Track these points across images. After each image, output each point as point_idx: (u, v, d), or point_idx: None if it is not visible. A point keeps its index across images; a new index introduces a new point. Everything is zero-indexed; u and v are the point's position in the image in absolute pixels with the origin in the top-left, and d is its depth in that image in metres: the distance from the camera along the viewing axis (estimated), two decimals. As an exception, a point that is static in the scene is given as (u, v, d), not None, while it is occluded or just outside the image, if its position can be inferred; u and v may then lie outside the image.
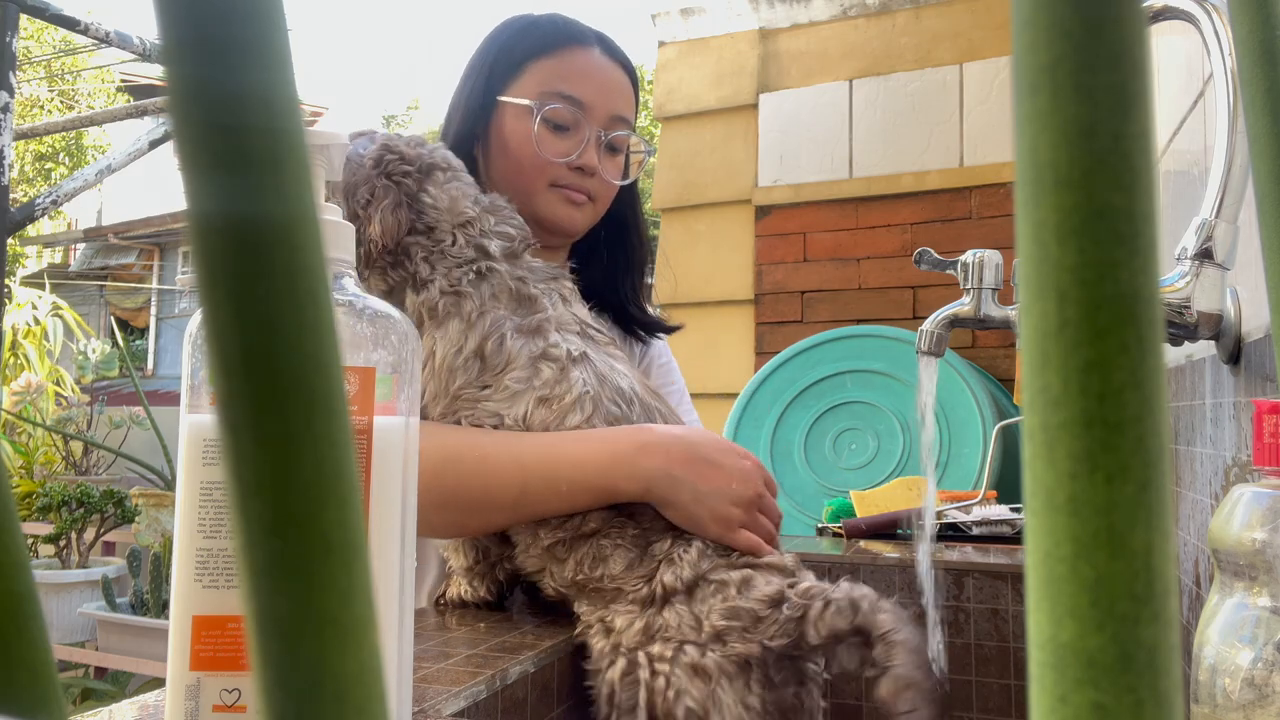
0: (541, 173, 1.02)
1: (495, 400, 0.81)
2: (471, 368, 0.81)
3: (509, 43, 1.06)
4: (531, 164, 1.02)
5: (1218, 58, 0.73)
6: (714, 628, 0.72)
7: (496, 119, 1.04)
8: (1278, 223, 0.17)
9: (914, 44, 2.45)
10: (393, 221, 0.82)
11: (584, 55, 1.06)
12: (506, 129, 1.03)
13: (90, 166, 2.39)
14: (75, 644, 2.98)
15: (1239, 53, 0.17)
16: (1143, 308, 0.11)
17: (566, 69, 1.04)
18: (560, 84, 1.03)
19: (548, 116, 1.02)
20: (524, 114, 1.03)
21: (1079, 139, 0.11)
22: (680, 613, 0.74)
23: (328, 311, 0.11)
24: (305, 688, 0.11)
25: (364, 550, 0.12)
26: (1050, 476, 0.11)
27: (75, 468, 3.96)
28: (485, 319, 0.82)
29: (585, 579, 0.79)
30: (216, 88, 0.11)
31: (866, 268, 2.45)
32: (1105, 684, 0.11)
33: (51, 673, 0.13)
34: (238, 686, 0.47)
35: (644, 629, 0.74)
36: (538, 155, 1.02)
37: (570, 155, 1.03)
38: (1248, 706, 0.43)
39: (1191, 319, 0.76)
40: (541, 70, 1.04)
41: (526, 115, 1.02)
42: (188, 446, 0.49)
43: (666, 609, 0.74)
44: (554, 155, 1.02)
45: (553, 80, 1.03)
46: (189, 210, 0.11)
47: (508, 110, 1.03)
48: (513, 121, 1.03)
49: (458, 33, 74.68)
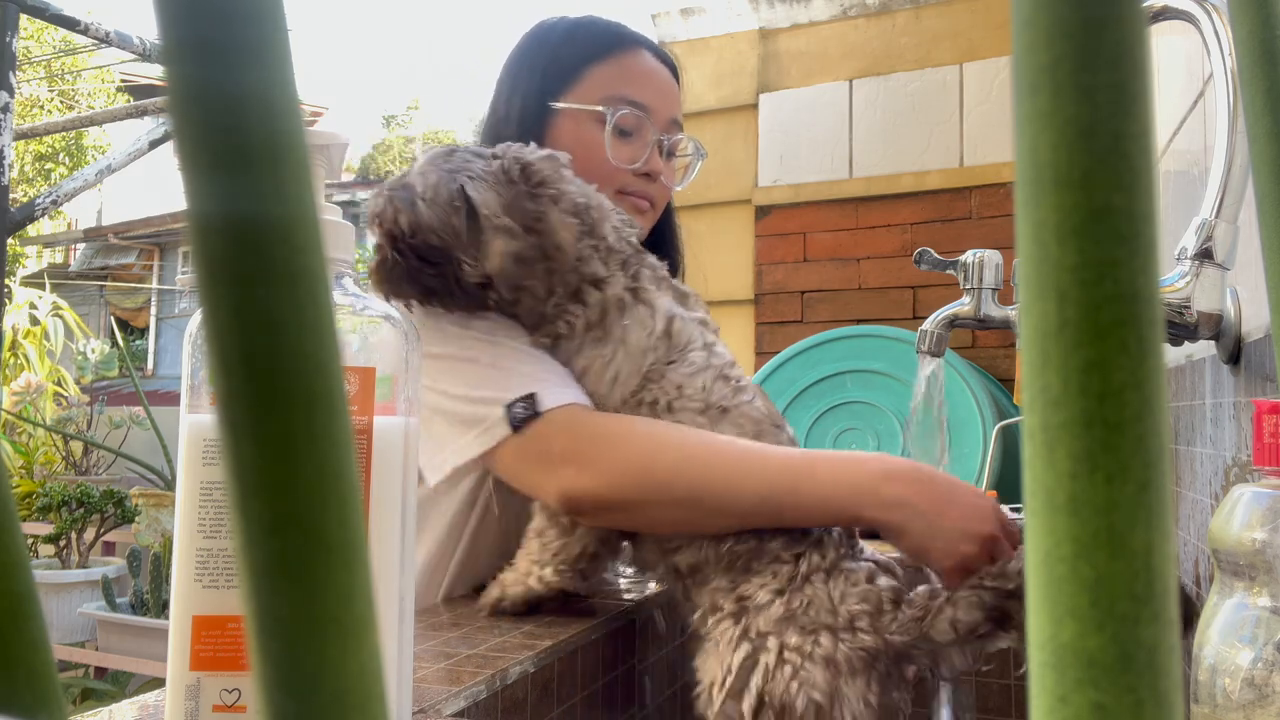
0: (610, 179, 1.01)
1: (680, 373, 0.85)
2: (660, 346, 0.86)
3: (560, 47, 1.05)
4: (601, 171, 1.00)
5: (1218, 58, 0.73)
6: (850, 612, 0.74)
7: (555, 125, 1.03)
8: (1278, 223, 0.17)
9: (914, 44, 2.45)
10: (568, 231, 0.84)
11: (640, 58, 1.05)
12: (570, 135, 1.02)
13: (90, 166, 2.39)
14: (75, 644, 2.98)
15: (1239, 53, 0.17)
16: (1143, 308, 0.11)
17: (627, 73, 1.04)
18: (624, 88, 1.03)
19: (618, 124, 1.01)
20: (588, 119, 1.02)
21: (1079, 139, 0.11)
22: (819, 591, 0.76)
23: (328, 311, 0.11)
24: (305, 688, 0.11)
25: (364, 550, 0.12)
26: (1050, 476, 0.11)
27: (75, 468, 3.96)
28: (661, 303, 0.87)
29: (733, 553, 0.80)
30: (216, 88, 0.11)
31: (866, 268, 2.45)
32: (1105, 684, 0.11)
33: (51, 673, 0.13)
34: (238, 686, 0.47)
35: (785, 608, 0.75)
36: (607, 162, 1.01)
37: (637, 161, 1.03)
38: (1248, 706, 0.43)
39: (1191, 319, 0.76)
40: (602, 75, 1.03)
41: (592, 121, 1.02)
42: (188, 446, 0.49)
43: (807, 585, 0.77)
44: (624, 162, 1.02)
45: (615, 85, 1.03)
46: (189, 210, 0.11)
47: (568, 116, 1.02)
48: (576, 127, 1.02)
49: (458, 33, 74.62)
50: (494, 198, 0.82)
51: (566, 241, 0.83)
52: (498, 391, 0.83)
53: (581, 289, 0.86)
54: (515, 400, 0.82)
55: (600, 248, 0.87)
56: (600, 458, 0.81)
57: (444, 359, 0.86)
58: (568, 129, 1.02)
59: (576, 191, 0.86)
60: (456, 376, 0.85)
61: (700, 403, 0.84)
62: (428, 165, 0.83)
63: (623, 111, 1.01)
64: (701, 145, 1.13)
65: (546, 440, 0.82)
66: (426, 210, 0.81)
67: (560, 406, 0.82)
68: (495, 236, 0.81)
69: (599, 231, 0.87)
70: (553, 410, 0.82)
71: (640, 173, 1.03)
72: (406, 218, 0.81)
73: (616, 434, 0.82)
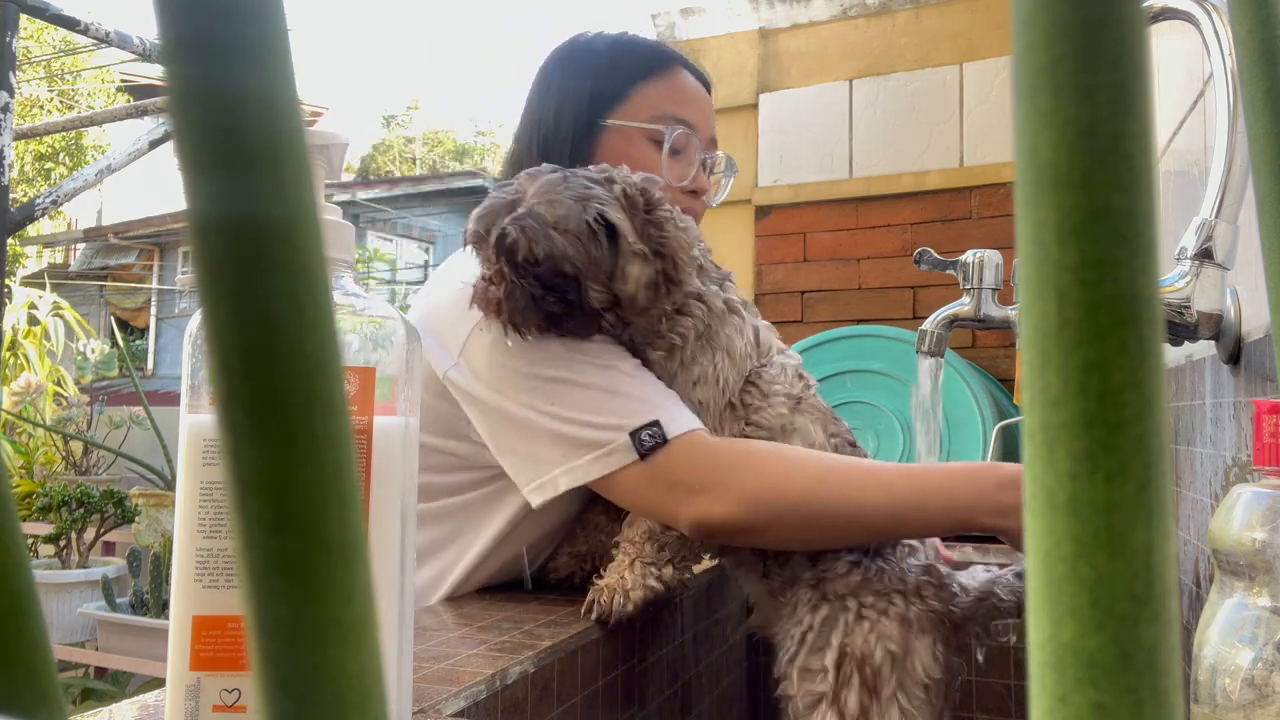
0: None
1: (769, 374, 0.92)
2: (754, 353, 0.93)
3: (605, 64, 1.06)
4: None
5: (1218, 58, 0.73)
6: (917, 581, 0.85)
7: (606, 142, 1.04)
8: (1278, 223, 0.17)
9: (914, 44, 2.45)
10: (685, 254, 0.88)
11: (683, 76, 1.07)
12: (621, 152, 1.03)
13: (90, 166, 2.39)
14: (75, 644, 2.98)
15: (1239, 53, 0.17)
16: (1143, 308, 0.11)
17: (675, 92, 1.06)
18: (673, 107, 1.05)
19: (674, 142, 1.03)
20: (640, 137, 1.03)
21: (1079, 139, 0.11)
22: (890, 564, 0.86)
23: (328, 311, 0.11)
24: (305, 688, 0.11)
25: (364, 550, 0.12)
26: (1050, 476, 0.11)
27: (75, 468, 3.96)
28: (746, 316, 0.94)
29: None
30: (216, 88, 0.11)
31: (866, 268, 2.45)
32: (1105, 684, 0.11)
33: (51, 673, 0.13)
34: (238, 686, 0.47)
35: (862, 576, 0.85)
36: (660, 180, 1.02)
37: (686, 179, 1.05)
38: (1248, 706, 0.43)
39: (1191, 319, 0.76)
40: (651, 93, 1.05)
41: (643, 138, 1.03)
42: (188, 446, 0.49)
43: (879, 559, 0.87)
44: (676, 179, 1.04)
45: (665, 104, 1.04)
46: (189, 210, 0.11)
47: (618, 133, 1.04)
48: (627, 145, 1.03)
49: (458, 33, 74.59)
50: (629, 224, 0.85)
51: (684, 260, 0.87)
52: (620, 418, 0.85)
53: (688, 304, 0.90)
54: (641, 427, 0.84)
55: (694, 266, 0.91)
56: (734, 485, 0.84)
57: (556, 381, 0.88)
58: (619, 146, 1.04)
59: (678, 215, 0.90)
60: (570, 400, 0.87)
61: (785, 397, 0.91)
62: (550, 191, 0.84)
63: (679, 131, 1.04)
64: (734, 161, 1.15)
65: (676, 468, 0.84)
66: (561, 239, 0.83)
67: (685, 434, 0.85)
68: (632, 262, 0.85)
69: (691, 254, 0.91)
70: (679, 437, 0.85)
71: (688, 190, 1.05)
72: (543, 247, 0.82)
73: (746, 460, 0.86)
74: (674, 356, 0.91)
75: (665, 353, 0.90)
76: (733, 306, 0.93)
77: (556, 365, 0.88)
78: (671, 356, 0.91)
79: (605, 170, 0.88)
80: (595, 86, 1.05)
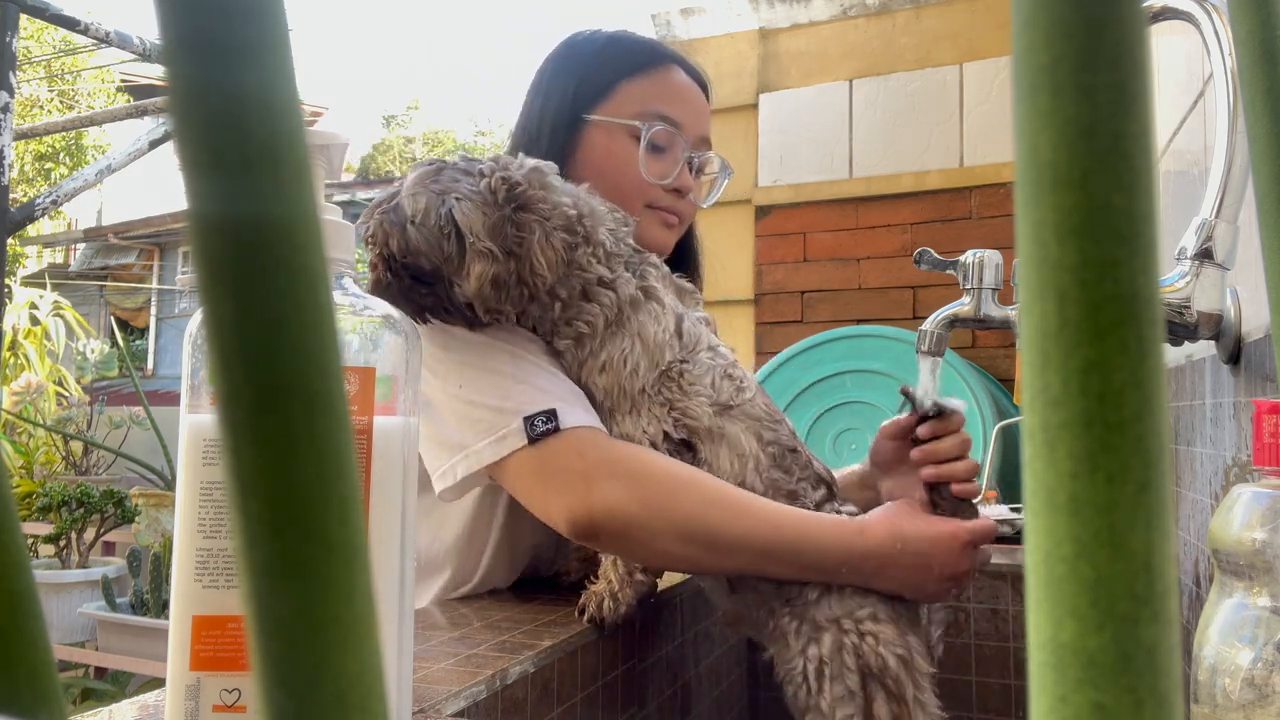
0: (641, 194, 1.02)
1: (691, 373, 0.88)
2: (674, 344, 0.89)
3: (593, 61, 1.05)
4: (632, 185, 1.01)
5: (1218, 58, 0.73)
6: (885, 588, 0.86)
7: (587, 138, 1.03)
8: (1278, 223, 0.17)
9: (914, 44, 2.45)
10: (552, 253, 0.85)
11: (673, 75, 1.06)
12: (602, 148, 1.03)
13: (90, 166, 2.39)
14: (75, 644, 2.98)
15: (1239, 53, 0.17)
16: (1143, 308, 0.11)
17: (661, 89, 1.05)
18: (657, 104, 1.03)
19: (652, 139, 1.02)
20: (620, 133, 1.02)
21: (1079, 139, 0.11)
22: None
23: (328, 311, 0.11)
24: (305, 688, 0.11)
25: (364, 550, 0.12)
26: (1050, 476, 0.11)
27: (75, 468, 3.96)
28: (667, 302, 0.90)
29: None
30: (216, 88, 0.11)
31: (866, 268, 2.45)
32: (1105, 684, 0.11)
33: (51, 673, 0.13)
34: (238, 686, 0.47)
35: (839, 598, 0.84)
36: (638, 177, 1.02)
37: (668, 177, 1.03)
38: (1248, 706, 0.43)
39: (1191, 319, 0.76)
40: (635, 90, 1.04)
41: (624, 135, 1.02)
42: (188, 446, 0.49)
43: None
44: (655, 177, 1.03)
45: (649, 100, 1.03)
46: (189, 210, 0.11)
47: (600, 129, 1.03)
48: (608, 140, 1.03)
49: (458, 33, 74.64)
50: (480, 219, 0.82)
51: (546, 264, 0.84)
52: (518, 404, 0.83)
53: (591, 291, 0.87)
54: (537, 414, 0.82)
55: (599, 253, 0.88)
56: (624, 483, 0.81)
57: (465, 365, 0.87)
58: (600, 142, 1.03)
59: (567, 203, 0.86)
60: (478, 384, 0.85)
61: (709, 401, 0.87)
62: (417, 185, 0.83)
63: (657, 127, 1.02)
64: (729, 164, 1.14)
65: (564, 457, 0.82)
66: (416, 234, 0.82)
67: (581, 427, 0.83)
68: (475, 260, 0.82)
69: (595, 238, 0.88)
70: (574, 429, 0.83)
71: (670, 188, 1.04)
72: (397, 241, 0.82)
73: (640, 463, 0.83)
74: (583, 345, 0.88)
75: (573, 341, 0.88)
76: (650, 293, 0.90)
77: (468, 350, 0.87)
78: (580, 345, 0.88)
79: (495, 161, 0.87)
80: (580, 82, 1.04)
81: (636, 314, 0.88)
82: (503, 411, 0.83)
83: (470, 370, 0.86)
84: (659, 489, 0.82)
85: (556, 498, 0.82)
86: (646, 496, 0.81)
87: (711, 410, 0.87)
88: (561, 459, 0.82)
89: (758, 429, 0.89)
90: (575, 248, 0.86)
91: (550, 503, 0.83)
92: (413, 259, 0.82)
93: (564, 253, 0.85)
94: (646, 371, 0.87)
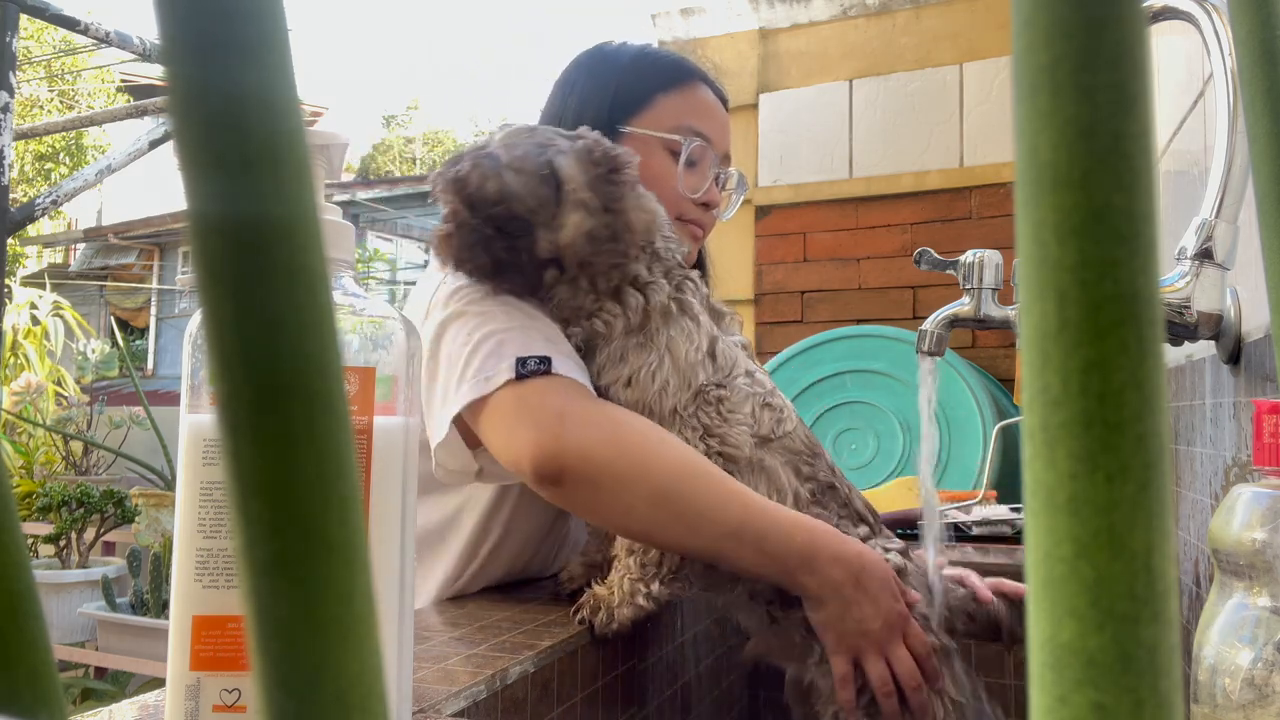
0: (672, 206, 1.02)
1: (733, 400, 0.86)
2: (707, 366, 0.87)
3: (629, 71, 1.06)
4: (668, 198, 1.01)
5: (1218, 58, 0.73)
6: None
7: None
8: (1278, 223, 0.17)
9: (914, 44, 2.45)
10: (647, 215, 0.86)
11: (703, 91, 1.08)
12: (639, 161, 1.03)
13: (90, 166, 2.39)
14: (75, 644, 2.98)
15: (1239, 53, 0.17)
16: (1143, 308, 0.11)
17: (694, 105, 1.06)
18: (692, 119, 1.05)
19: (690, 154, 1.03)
20: (657, 146, 1.03)
21: (1079, 139, 0.11)
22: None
23: (328, 311, 0.11)
24: (305, 688, 0.11)
25: (364, 550, 0.12)
26: (1050, 476, 0.11)
27: (75, 468, 3.96)
28: (702, 321, 0.89)
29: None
30: (216, 88, 0.11)
31: (866, 268, 2.45)
32: (1105, 684, 0.11)
33: (51, 673, 0.13)
34: (238, 686, 0.47)
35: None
36: (673, 189, 1.03)
37: (699, 191, 1.05)
38: (1248, 706, 0.43)
39: (1191, 319, 0.76)
40: (671, 104, 1.05)
41: (660, 148, 1.03)
42: (188, 446, 0.49)
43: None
44: (690, 191, 1.04)
45: (685, 115, 1.05)
46: (189, 210, 0.11)
47: (635, 140, 1.03)
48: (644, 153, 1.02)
49: (458, 33, 74.61)
50: (579, 172, 0.83)
51: (639, 224, 0.84)
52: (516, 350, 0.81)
53: (622, 289, 0.86)
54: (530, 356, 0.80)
55: (648, 250, 0.88)
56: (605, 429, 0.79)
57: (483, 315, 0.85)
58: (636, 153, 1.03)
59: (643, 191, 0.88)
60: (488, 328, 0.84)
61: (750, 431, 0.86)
62: (511, 137, 0.84)
63: (695, 142, 1.04)
64: (745, 178, 1.15)
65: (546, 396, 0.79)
66: (514, 178, 0.81)
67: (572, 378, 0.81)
68: (574, 210, 0.82)
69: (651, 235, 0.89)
70: (564, 376, 0.81)
71: (699, 202, 1.05)
72: (495, 184, 0.81)
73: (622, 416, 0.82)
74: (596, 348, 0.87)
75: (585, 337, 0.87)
76: (685, 308, 0.88)
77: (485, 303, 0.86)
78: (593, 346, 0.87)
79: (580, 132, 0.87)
80: (618, 92, 1.05)
81: (667, 327, 0.86)
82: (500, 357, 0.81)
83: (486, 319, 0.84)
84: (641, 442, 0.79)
85: (526, 432, 0.78)
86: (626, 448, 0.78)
87: (753, 441, 0.86)
88: (542, 396, 0.79)
89: (796, 463, 0.87)
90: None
91: (517, 437, 0.78)
92: (505, 205, 0.82)
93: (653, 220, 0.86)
94: (677, 390, 0.85)
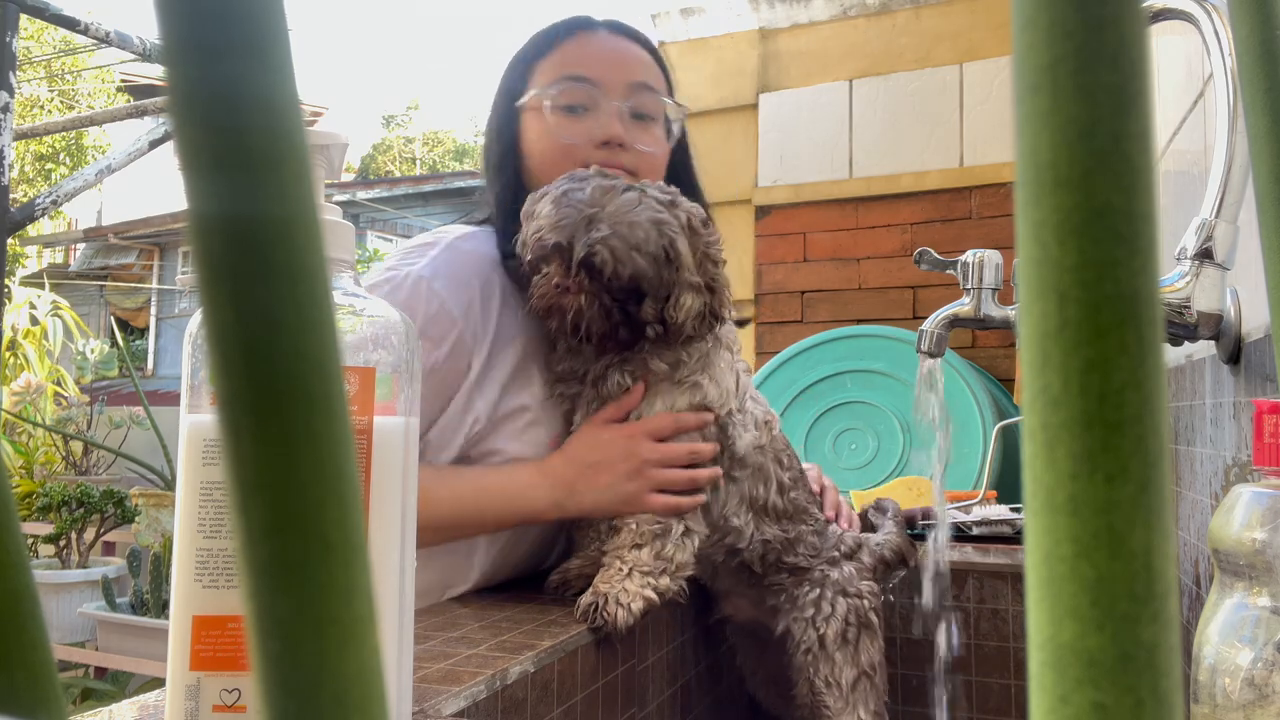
0: (569, 157, 1.00)
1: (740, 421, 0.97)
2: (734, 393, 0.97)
3: (517, 55, 1.07)
4: (558, 152, 1.00)
5: (1218, 58, 0.73)
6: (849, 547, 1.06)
7: (522, 126, 1.04)
8: (1278, 223, 0.17)
9: (914, 44, 2.45)
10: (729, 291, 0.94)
11: (588, 38, 1.05)
12: (533, 130, 1.03)
13: (90, 166, 2.38)
14: (75, 644, 2.98)
15: (1239, 53, 0.17)
16: (1143, 308, 0.11)
17: (570, 55, 1.04)
18: (565, 69, 1.03)
19: (558, 101, 1.01)
20: (538, 108, 1.02)
21: (1079, 139, 0.11)
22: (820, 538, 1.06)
23: (328, 311, 0.11)
24: (305, 688, 0.11)
25: (364, 550, 0.12)
26: (1050, 476, 0.11)
27: (75, 468, 3.96)
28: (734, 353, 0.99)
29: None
30: (216, 88, 0.11)
31: (866, 268, 2.45)
32: (1105, 684, 0.11)
33: (51, 673, 0.13)
34: (238, 686, 0.47)
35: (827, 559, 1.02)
36: (559, 141, 1.01)
37: (594, 134, 1.01)
38: (1248, 706, 0.43)
39: (1191, 319, 0.76)
40: (546, 66, 1.04)
41: (551, 111, 1.02)
42: (188, 446, 0.49)
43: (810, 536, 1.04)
44: (577, 137, 1.01)
45: (557, 69, 1.03)
46: (189, 210, 0.11)
47: (527, 114, 1.03)
48: (536, 121, 1.03)
49: (458, 33, 74.60)
50: (688, 250, 0.89)
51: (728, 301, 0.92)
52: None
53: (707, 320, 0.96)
54: None
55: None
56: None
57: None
58: (531, 125, 1.04)
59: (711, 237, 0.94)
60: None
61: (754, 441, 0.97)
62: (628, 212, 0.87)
63: (553, 90, 1.01)
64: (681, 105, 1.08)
65: None
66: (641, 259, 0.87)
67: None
68: (687, 291, 0.89)
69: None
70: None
71: (599, 143, 1.01)
72: (629, 269, 0.87)
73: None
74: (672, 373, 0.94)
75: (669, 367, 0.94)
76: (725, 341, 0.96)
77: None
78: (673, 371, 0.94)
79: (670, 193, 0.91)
80: (508, 77, 1.07)
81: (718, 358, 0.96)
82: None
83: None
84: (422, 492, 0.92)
85: None
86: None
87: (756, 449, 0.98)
88: None
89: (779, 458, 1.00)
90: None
91: None
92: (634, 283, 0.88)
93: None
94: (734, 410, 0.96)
